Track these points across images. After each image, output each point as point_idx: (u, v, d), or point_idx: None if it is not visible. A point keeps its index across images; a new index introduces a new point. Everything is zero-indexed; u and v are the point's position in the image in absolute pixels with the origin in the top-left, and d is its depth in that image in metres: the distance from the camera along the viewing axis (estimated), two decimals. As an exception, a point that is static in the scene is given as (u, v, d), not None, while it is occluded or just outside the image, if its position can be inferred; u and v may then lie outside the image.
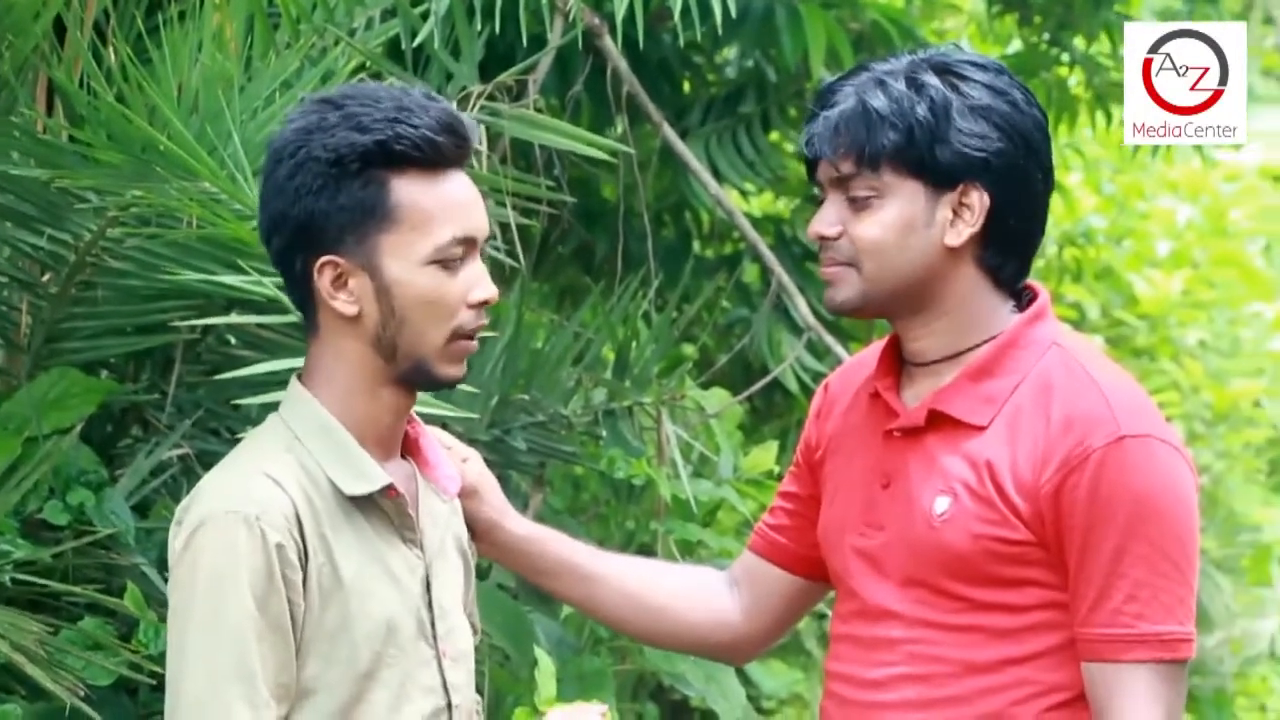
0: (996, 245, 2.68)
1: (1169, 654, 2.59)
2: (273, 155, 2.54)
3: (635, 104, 4.81)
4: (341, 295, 2.52)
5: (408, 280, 2.51)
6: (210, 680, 2.44)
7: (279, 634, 2.46)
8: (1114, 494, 2.58)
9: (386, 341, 2.53)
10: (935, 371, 2.70)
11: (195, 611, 2.46)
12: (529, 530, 2.88)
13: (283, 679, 2.47)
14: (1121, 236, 9.18)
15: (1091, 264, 8.73)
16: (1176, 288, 9.27)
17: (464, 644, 2.65)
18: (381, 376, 2.55)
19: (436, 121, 2.50)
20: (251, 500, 2.47)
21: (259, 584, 2.45)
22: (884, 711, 2.69)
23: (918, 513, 2.66)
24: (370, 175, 2.49)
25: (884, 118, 2.63)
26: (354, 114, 2.50)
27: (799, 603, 2.94)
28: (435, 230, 2.51)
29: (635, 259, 5.12)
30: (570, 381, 4.47)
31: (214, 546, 2.46)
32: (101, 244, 3.65)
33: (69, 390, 3.65)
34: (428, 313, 2.52)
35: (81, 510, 3.60)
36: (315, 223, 2.50)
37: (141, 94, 3.36)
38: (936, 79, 2.65)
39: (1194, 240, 9.60)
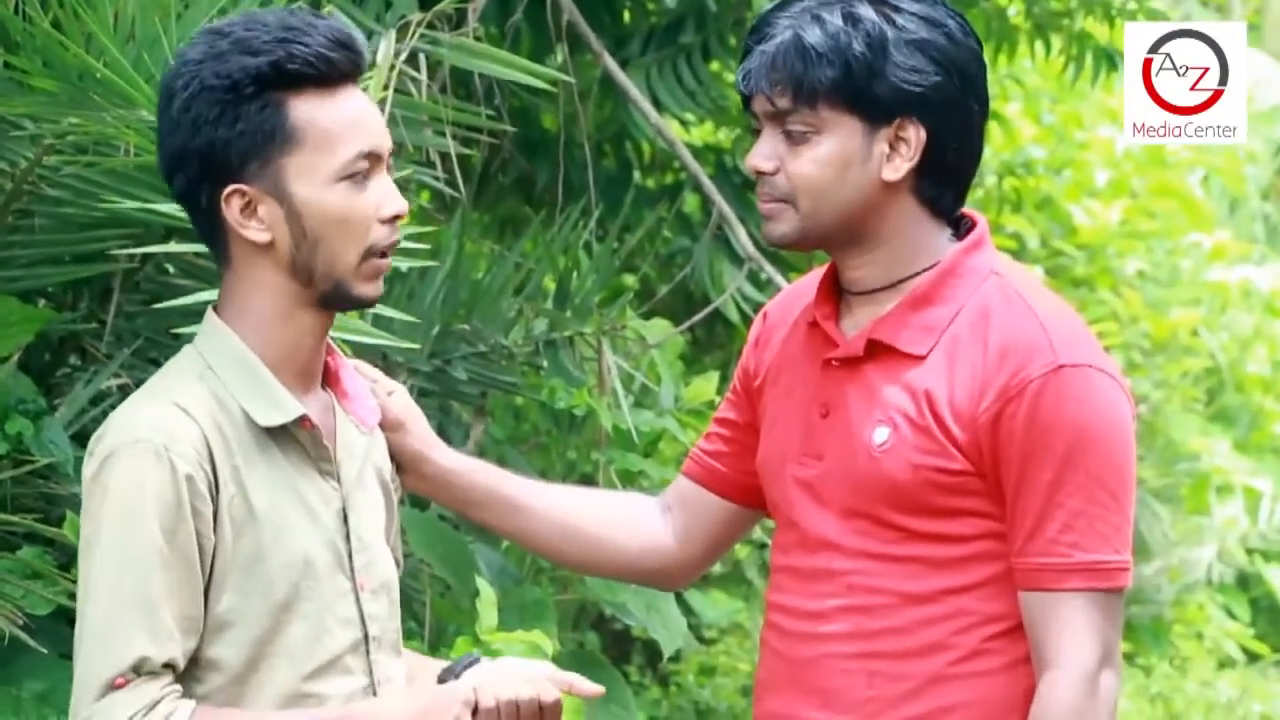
0: (933, 177, 2.68)
1: (1105, 583, 2.61)
2: (165, 90, 2.51)
3: (575, 33, 4.80)
4: (252, 223, 2.50)
5: (317, 200, 2.49)
6: (113, 609, 2.43)
7: (186, 565, 2.45)
8: (1051, 423, 2.59)
9: (301, 265, 2.51)
10: (874, 300, 2.71)
11: (102, 541, 2.44)
12: (457, 462, 2.87)
13: (190, 611, 2.45)
14: (1061, 166, 9.21)
15: (1031, 194, 8.76)
16: (1115, 218, 9.30)
17: (384, 576, 2.63)
18: (299, 301, 2.53)
19: (326, 38, 2.48)
20: (161, 431, 2.45)
21: (167, 515, 2.43)
22: (825, 642, 2.70)
23: (857, 443, 2.67)
24: (267, 98, 2.47)
25: (821, 54, 2.62)
26: (243, 39, 2.48)
27: (733, 529, 2.95)
28: (339, 147, 2.49)
29: (576, 189, 5.11)
30: (511, 311, 4.47)
31: (122, 477, 2.44)
32: (38, 172, 3.63)
33: (6, 319, 3.62)
34: (340, 231, 2.49)
35: (20, 439, 3.59)
36: (217, 153, 2.48)
37: (78, 21, 3.33)
38: (872, 11, 2.64)
39: (1133, 170, 9.63)
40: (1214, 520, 9.15)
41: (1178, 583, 8.78)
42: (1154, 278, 9.47)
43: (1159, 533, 8.64)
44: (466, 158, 4.34)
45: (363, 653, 2.57)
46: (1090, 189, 9.38)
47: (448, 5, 3.96)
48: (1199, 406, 9.52)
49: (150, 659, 2.42)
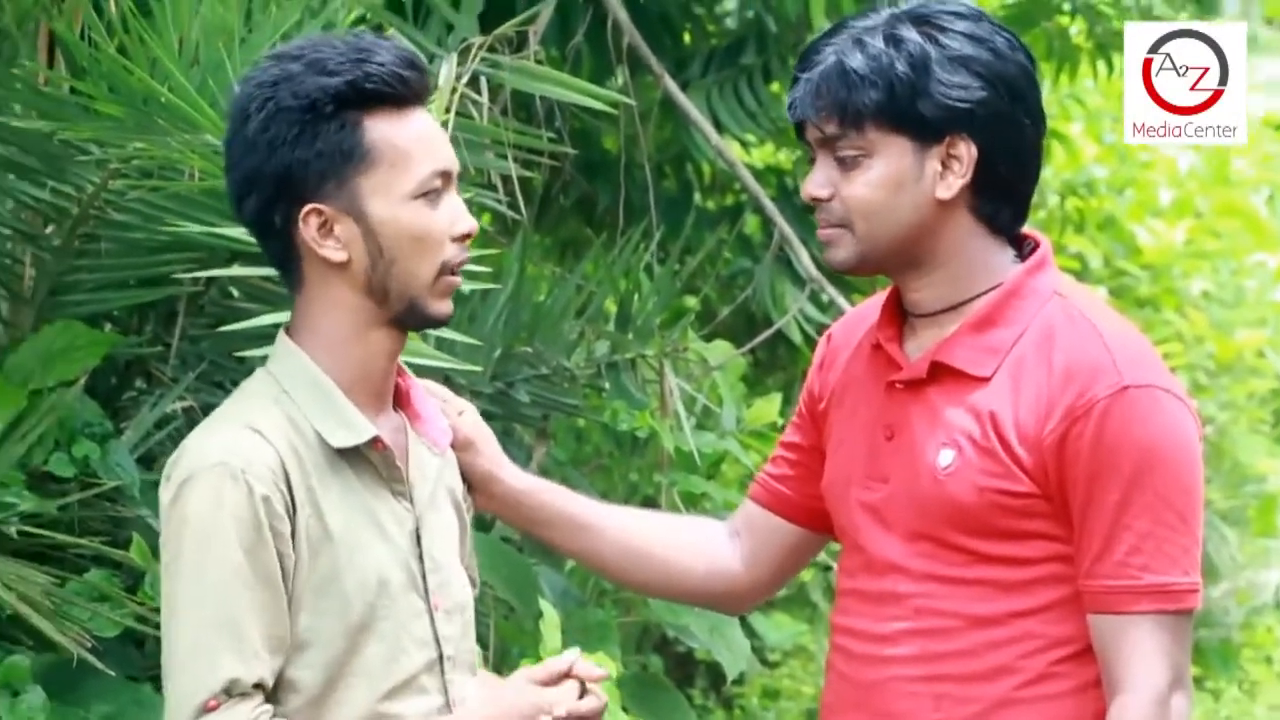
0: (989, 193, 2.67)
1: (1174, 604, 2.59)
2: (238, 113, 2.53)
3: (636, 55, 4.81)
4: (329, 243, 2.51)
5: (393, 218, 2.50)
6: (199, 632, 2.44)
7: (269, 586, 2.46)
8: (1117, 445, 2.57)
9: (377, 283, 2.52)
10: (937, 322, 2.70)
11: (183, 565, 2.45)
12: (526, 482, 2.88)
13: (276, 631, 2.47)
14: (1123, 186, 9.16)
15: (1094, 214, 8.72)
16: (1179, 238, 9.26)
17: (458, 596, 2.64)
18: (373, 320, 2.54)
19: (399, 58, 2.51)
20: (237, 453, 2.47)
21: (246, 536, 2.45)
22: (891, 665, 2.69)
23: (922, 465, 2.66)
24: (344, 117, 2.48)
25: (863, 77, 2.62)
26: (316, 60, 2.49)
27: (800, 553, 2.94)
28: (414, 165, 2.50)
29: (637, 211, 5.12)
30: (573, 334, 4.47)
31: (200, 500, 2.45)
32: (104, 196, 3.65)
33: (73, 343, 3.65)
34: (415, 248, 2.51)
35: (87, 463, 3.61)
36: (294, 173, 2.49)
37: (143, 46, 3.35)
38: (915, 32, 2.64)
39: (1197, 189, 9.58)
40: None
41: (1246, 605, 8.72)
42: (1219, 298, 9.42)
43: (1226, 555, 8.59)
44: (528, 180, 4.35)
45: (438, 672, 2.58)
46: (1154, 208, 9.34)
47: (509, 28, 3.98)
48: (1265, 428, 9.45)
49: (240, 680, 2.44)
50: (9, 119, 3.60)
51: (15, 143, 3.67)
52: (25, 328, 3.78)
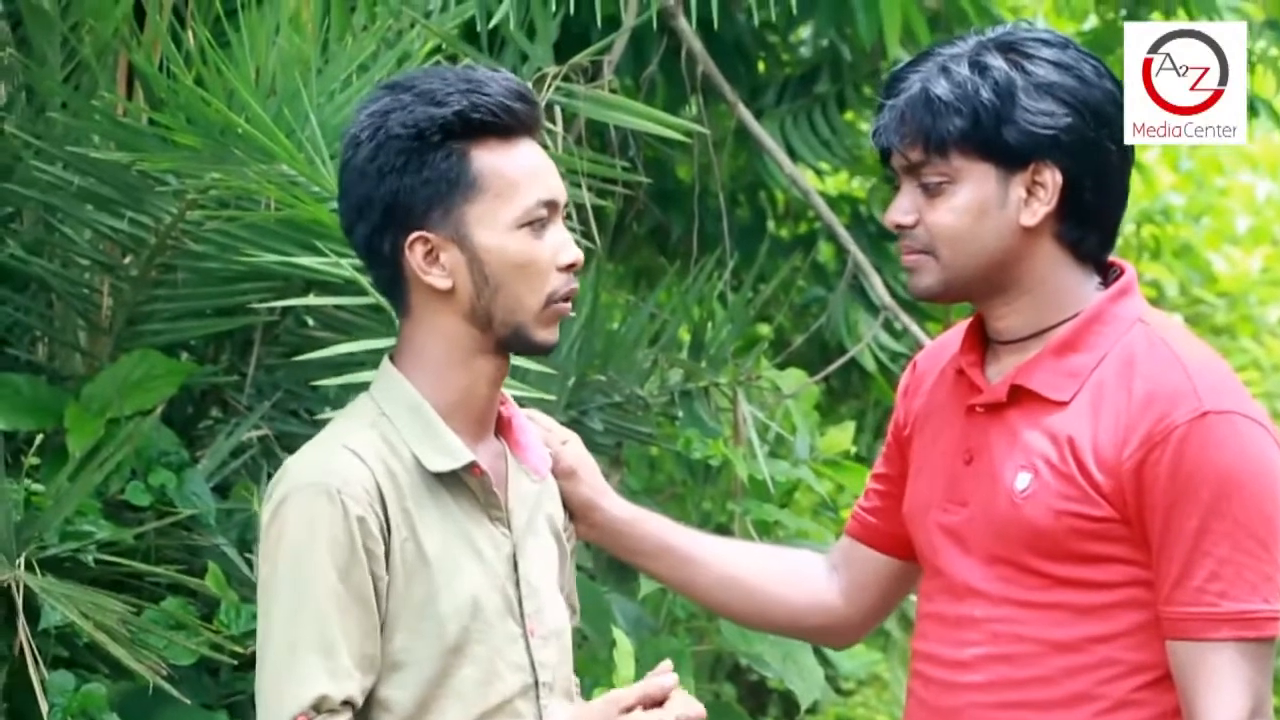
0: (1074, 220, 2.66)
1: (1254, 632, 2.57)
2: (350, 142, 2.57)
3: (710, 84, 4.81)
4: (435, 270, 2.54)
5: (498, 247, 2.53)
6: (290, 650, 2.47)
7: (361, 605, 2.48)
8: (1197, 470, 2.56)
9: (481, 311, 2.55)
10: (1020, 349, 2.69)
11: (279, 583, 2.49)
12: (627, 511, 2.88)
13: (367, 649, 2.49)
14: (1200, 213, 9.11)
15: (1170, 241, 8.67)
16: (1256, 265, 9.20)
17: (555, 622, 2.65)
18: (477, 347, 2.57)
19: (507, 90, 2.54)
20: (333, 473, 2.50)
21: (340, 555, 2.47)
22: (969, 692, 2.67)
23: (1000, 489, 2.65)
24: (451, 147, 2.52)
25: (948, 104, 2.62)
26: (427, 91, 2.53)
27: (897, 584, 2.94)
28: (519, 195, 2.53)
29: (710, 239, 5.12)
30: (646, 362, 4.47)
31: (296, 519, 2.48)
32: (181, 226, 3.68)
33: (150, 372, 3.67)
34: (520, 277, 2.54)
35: (163, 491, 3.63)
36: (401, 201, 2.52)
37: (220, 77, 3.38)
38: (1001, 59, 2.63)
39: (1274, 217, 9.52)
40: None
41: (1323, 635, 8.63)
42: (1295, 326, 9.34)
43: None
44: (602, 209, 4.36)
45: (533, 698, 2.60)
46: (1230, 236, 9.28)
47: (583, 58, 3.99)
48: (1342, 455, 9.35)
49: (329, 697, 2.46)
50: (88, 150, 3.64)
51: (94, 173, 3.70)
52: (103, 357, 3.81)
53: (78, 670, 3.50)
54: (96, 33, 3.69)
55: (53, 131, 3.71)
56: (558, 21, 4.06)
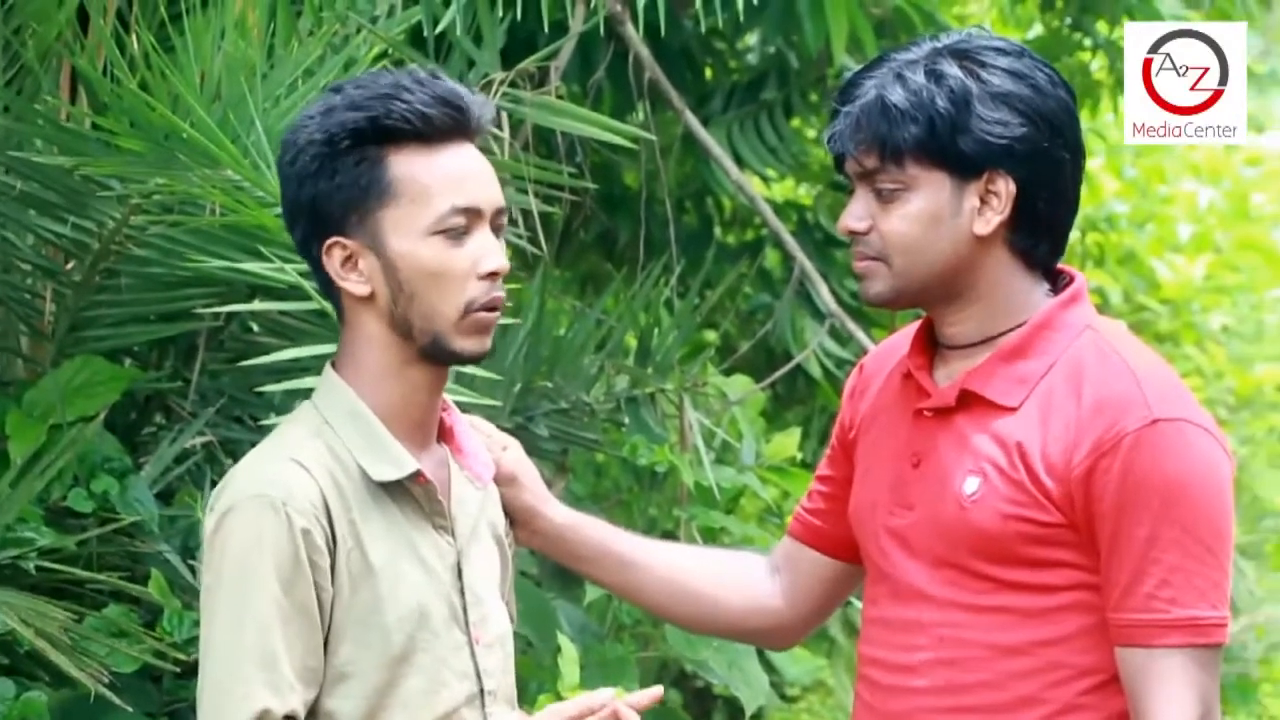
0: (1026, 229, 2.67)
1: (1203, 639, 2.57)
2: (283, 145, 2.57)
3: (657, 90, 4.81)
4: (352, 276, 2.53)
5: (411, 253, 2.51)
6: (233, 663, 2.45)
7: (305, 617, 2.47)
8: (1146, 478, 2.56)
9: (400, 318, 2.53)
10: (969, 354, 2.69)
11: (222, 595, 2.47)
12: (569, 517, 2.88)
13: (310, 662, 2.48)
14: (1144, 221, 9.16)
15: (1114, 249, 8.71)
16: (1199, 272, 9.25)
17: (499, 630, 2.64)
18: (405, 356, 2.55)
19: (430, 95, 2.51)
20: (278, 485, 2.48)
21: (285, 568, 2.46)
22: (916, 696, 2.68)
23: (948, 492, 2.65)
24: (364, 152, 2.50)
25: (904, 111, 2.62)
26: (352, 96, 2.52)
27: (839, 586, 2.94)
28: (433, 201, 2.51)
29: (657, 246, 5.12)
30: (593, 368, 4.47)
31: (241, 531, 2.47)
32: (125, 231, 3.66)
33: (93, 378, 3.65)
34: (434, 284, 2.51)
35: (106, 498, 3.61)
36: (320, 205, 2.51)
37: (164, 81, 3.36)
38: (956, 67, 2.64)
39: (1216, 224, 9.58)
40: (1301, 577, 9.05)
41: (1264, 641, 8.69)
42: (1239, 333, 9.40)
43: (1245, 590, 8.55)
44: (548, 215, 4.35)
45: (478, 706, 2.59)
46: (1174, 244, 9.33)
47: (530, 64, 3.98)
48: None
49: (271, 711, 2.44)
50: (31, 154, 3.61)
51: (37, 178, 3.68)
52: (45, 363, 3.78)
53: (18, 678, 3.48)
54: (39, 36, 3.66)
55: (-5, 136, 3.69)
56: (504, 27, 4.05)
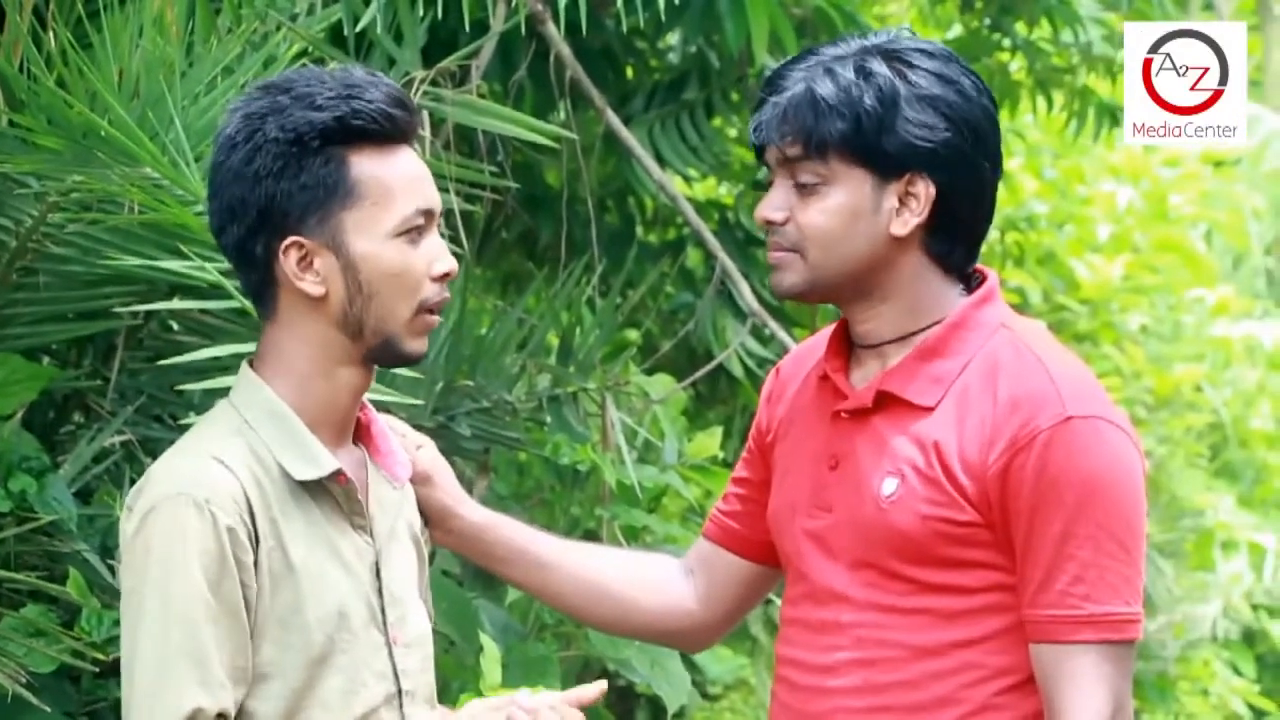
0: (943, 233, 2.69)
1: (1116, 634, 2.60)
2: (225, 143, 2.54)
3: (578, 90, 4.81)
4: (308, 276, 2.52)
5: (375, 254, 2.51)
6: (163, 663, 2.44)
7: (232, 616, 2.46)
8: (1061, 475, 2.59)
9: (353, 319, 2.53)
10: (883, 354, 2.71)
11: (147, 596, 2.46)
12: (484, 517, 2.88)
13: (239, 661, 2.47)
14: (1063, 221, 9.22)
15: (1033, 249, 8.76)
16: (1118, 273, 9.31)
17: (417, 630, 2.64)
18: (344, 356, 2.55)
19: (388, 96, 2.52)
20: (201, 484, 2.47)
21: (211, 566, 2.45)
22: (834, 696, 2.69)
23: (866, 494, 2.66)
24: (330, 153, 2.50)
25: (832, 106, 2.63)
26: (305, 94, 2.51)
27: (754, 589, 2.95)
28: (397, 203, 2.52)
29: (579, 245, 5.12)
30: (515, 367, 4.46)
31: (164, 530, 2.45)
32: (43, 229, 3.63)
33: (11, 376, 3.62)
34: (394, 286, 2.52)
35: (23, 497, 3.58)
36: (277, 205, 2.50)
37: (82, 79, 3.34)
38: (885, 67, 2.65)
39: (1135, 225, 9.65)
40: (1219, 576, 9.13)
41: (1183, 639, 8.76)
42: (1157, 333, 9.47)
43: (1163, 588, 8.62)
44: (470, 214, 4.35)
45: (396, 706, 2.59)
46: (1093, 244, 9.39)
47: (451, 63, 3.98)
48: (1203, 462, 9.51)
49: (204, 710, 2.44)
50: (-54, 151, 3.58)
51: (-47, 175, 3.65)
52: (-38, 361, 3.75)
53: (-65, 679, 3.45)
54: (-46, 34, 3.63)
55: (-89, 132, 3.66)
56: (425, 26, 4.04)
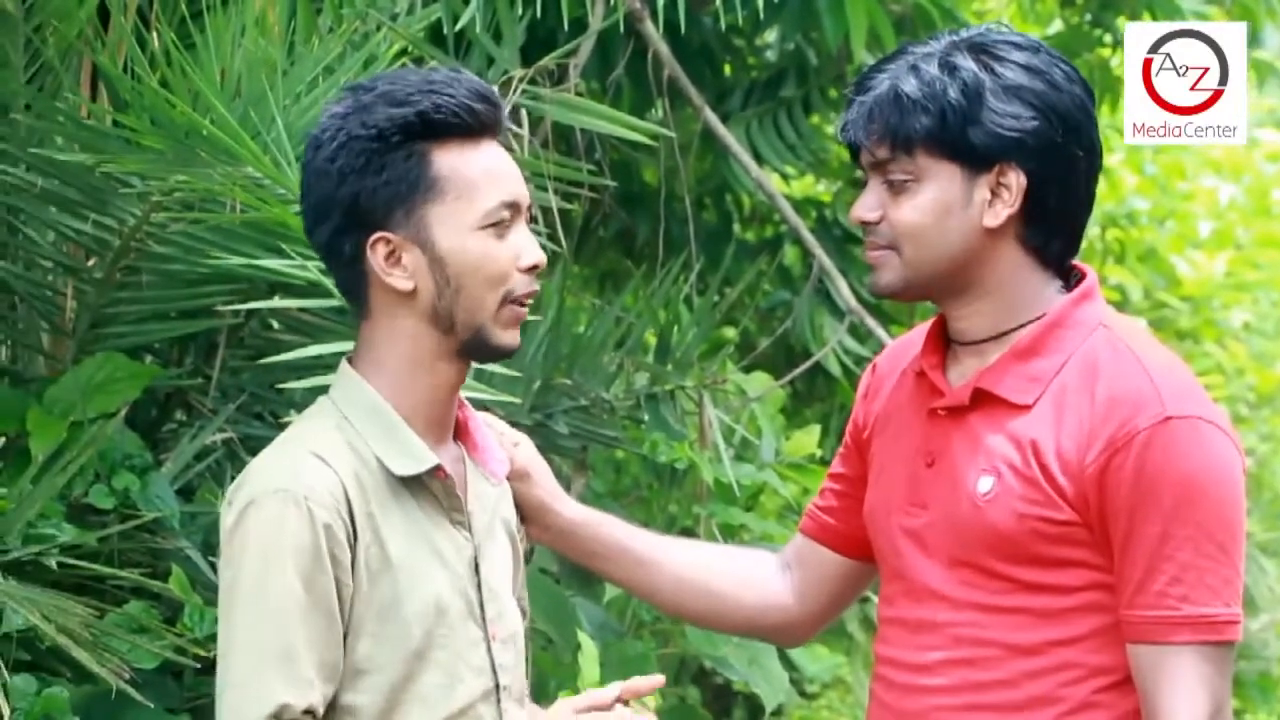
0: (1038, 224, 2.67)
1: (1214, 636, 2.58)
2: (312, 143, 2.57)
3: (676, 88, 4.81)
4: (396, 271, 2.54)
5: (460, 248, 2.53)
6: (253, 658, 2.46)
7: (325, 613, 2.48)
8: (1159, 475, 2.57)
9: (443, 313, 2.54)
10: (981, 351, 2.70)
11: (242, 590, 2.48)
12: (581, 514, 2.89)
13: (329, 658, 2.48)
14: (1164, 217, 9.14)
15: (1134, 245, 8.69)
16: (1220, 269, 9.22)
17: (513, 626, 2.66)
18: (439, 350, 2.57)
19: (470, 90, 2.54)
20: (300, 479, 2.49)
21: (305, 563, 2.47)
22: (931, 695, 2.68)
23: (962, 492, 2.66)
24: (412, 148, 2.52)
25: (915, 102, 2.63)
26: (388, 91, 2.53)
27: (850, 584, 2.95)
28: (481, 196, 2.53)
29: (676, 243, 5.12)
30: (612, 365, 4.47)
31: (262, 525, 2.48)
32: (145, 229, 3.67)
33: (114, 375, 3.66)
34: (481, 278, 2.54)
35: (127, 494, 3.61)
36: (362, 202, 2.52)
37: (185, 79, 3.37)
38: (971, 60, 2.64)
39: (1237, 221, 9.55)
40: (1322, 575, 9.02)
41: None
42: (1259, 330, 9.38)
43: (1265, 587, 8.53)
44: (568, 212, 4.35)
45: (493, 701, 2.60)
46: (1194, 240, 9.31)
47: (550, 61, 3.99)
48: (1305, 460, 9.40)
49: (290, 705, 2.45)
50: (52, 152, 3.62)
51: (58, 175, 3.69)
52: (66, 360, 3.79)
53: (40, 674, 3.48)
54: (60, 34, 3.67)
55: (16, 133, 3.70)
56: (524, 24, 4.06)
